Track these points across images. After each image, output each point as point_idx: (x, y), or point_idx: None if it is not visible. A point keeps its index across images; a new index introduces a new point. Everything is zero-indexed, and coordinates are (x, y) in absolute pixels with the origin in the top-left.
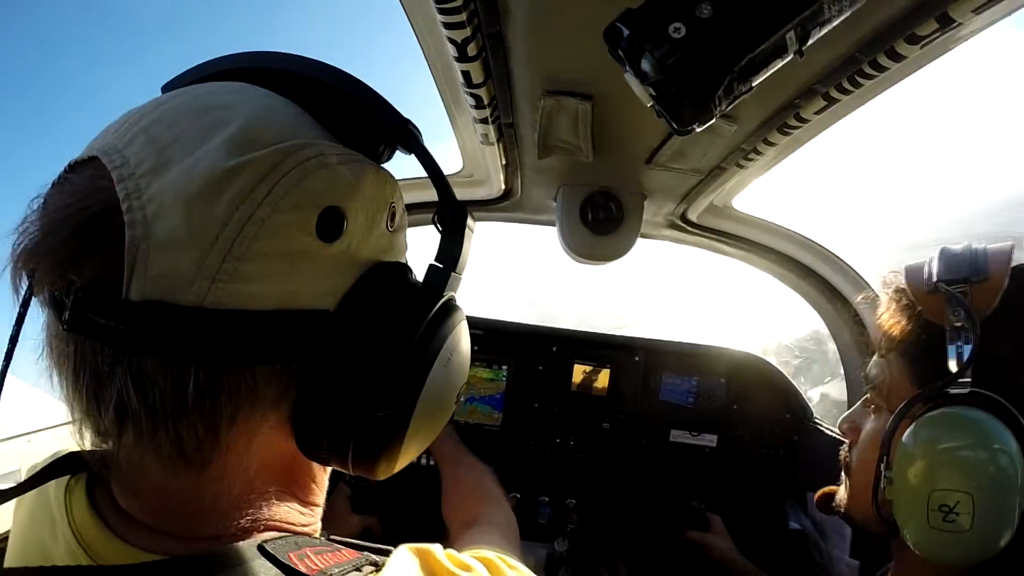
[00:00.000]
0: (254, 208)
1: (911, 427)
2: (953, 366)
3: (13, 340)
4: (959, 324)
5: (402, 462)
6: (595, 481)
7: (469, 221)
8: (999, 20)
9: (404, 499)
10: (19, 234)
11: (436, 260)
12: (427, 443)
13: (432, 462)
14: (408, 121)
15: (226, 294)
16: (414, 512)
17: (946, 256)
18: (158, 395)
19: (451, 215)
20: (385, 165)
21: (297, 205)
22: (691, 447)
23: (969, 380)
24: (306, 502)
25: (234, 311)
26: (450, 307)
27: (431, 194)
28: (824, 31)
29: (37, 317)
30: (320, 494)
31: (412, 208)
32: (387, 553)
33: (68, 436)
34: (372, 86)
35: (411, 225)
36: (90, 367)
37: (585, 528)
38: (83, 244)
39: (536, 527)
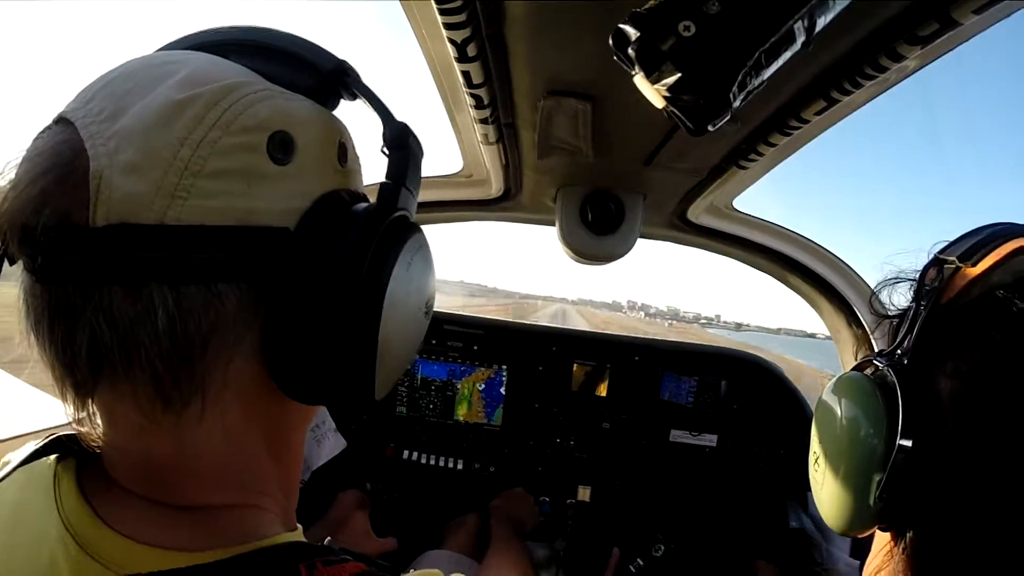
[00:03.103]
0: (206, 131)
1: None
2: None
3: None
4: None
5: (383, 383)
6: (595, 481)
7: (413, 141)
8: (1000, 20)
9: (424, 521)
10: None
11: (386, 178)
12: (405, 361)
13: (458, 466)
14: (344, 62)
15: (185, 210)
16: (433, 535)
17: (964, 236)
18: (129, 324)
19: (392, 134)
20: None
21: (246, 128)
22: (691, 447)
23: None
24: (286, 473)
25: (194, 227)
26: (404, 218)
27: (442, 193)
28: (829, 18)
29: None
30: (297, 468)
31: (423, 207)
32: (393, 571)
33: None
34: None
35: (421, 223)
36: (63, 313)
37: (585, 528)
38: (49, 185)
39: (536, 527)
